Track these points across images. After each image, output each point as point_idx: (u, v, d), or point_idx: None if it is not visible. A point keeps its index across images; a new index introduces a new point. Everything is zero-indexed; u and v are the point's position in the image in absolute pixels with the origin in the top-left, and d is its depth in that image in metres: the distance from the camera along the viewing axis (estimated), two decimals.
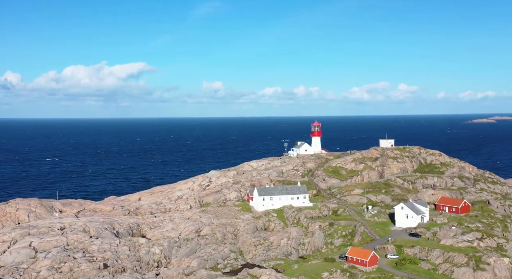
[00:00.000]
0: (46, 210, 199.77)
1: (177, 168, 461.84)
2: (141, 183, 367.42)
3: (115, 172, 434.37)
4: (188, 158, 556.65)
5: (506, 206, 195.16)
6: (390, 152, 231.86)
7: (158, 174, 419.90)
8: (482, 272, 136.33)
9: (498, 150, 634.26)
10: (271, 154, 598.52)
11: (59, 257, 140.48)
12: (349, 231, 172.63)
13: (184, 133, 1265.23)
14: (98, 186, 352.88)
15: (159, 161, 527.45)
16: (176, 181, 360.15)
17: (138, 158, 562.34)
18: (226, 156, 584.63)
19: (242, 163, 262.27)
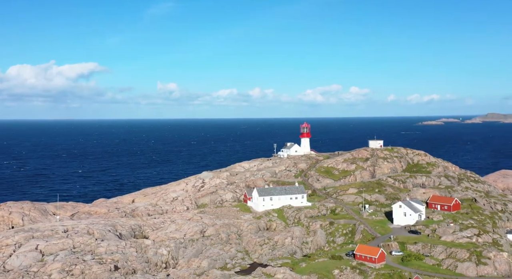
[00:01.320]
0: (41, 213, 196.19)
1: (148, 170, 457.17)
2: (115, 186, 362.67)
3: (85, 174, 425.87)
4: (156, 160, 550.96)
5: (491, 204, 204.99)
6: (380, 152, 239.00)
7: (130, 177, 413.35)
8: (484, 266, 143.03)
9: (453, 150, 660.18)
10: (240, 155, 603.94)
11: (69, 260, 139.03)
12: (349, 229, 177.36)
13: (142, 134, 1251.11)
14: (71, 189, 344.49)
15: (127, 163, 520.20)
16: (152, 183, 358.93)
17: (104, 160, 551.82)
18: (194, 158, 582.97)
19: (234, 164, 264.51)
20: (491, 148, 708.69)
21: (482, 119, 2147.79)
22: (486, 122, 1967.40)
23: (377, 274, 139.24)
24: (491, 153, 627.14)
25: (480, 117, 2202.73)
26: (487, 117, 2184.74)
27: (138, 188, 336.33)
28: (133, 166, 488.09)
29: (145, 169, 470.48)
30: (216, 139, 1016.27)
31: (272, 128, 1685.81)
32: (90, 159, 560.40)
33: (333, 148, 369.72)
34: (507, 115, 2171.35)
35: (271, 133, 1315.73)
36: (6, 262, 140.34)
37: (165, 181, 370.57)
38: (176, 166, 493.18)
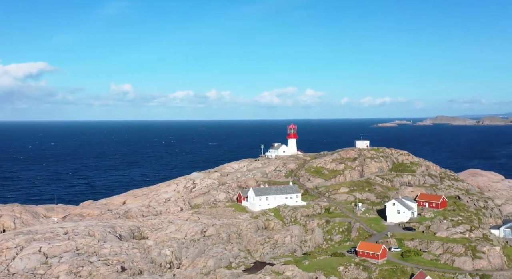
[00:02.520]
0: (32, 216, 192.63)
1: (119, 173, 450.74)
2: (87, 188, 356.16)
3: (53, 178, 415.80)
4: (124, 162, 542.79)
5: (474, 201, 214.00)
6: (367, 152, 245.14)
7: (101, 179, 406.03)
8: (480, 260, 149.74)
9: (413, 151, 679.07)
10: (210, 155, 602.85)
11: (76, 262, 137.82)
12: (345, 227, 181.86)
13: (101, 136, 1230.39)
14: (43, 193, 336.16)
15: (94, 166, 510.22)
16: (126, 186, 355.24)
17: (68, 163, 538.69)
18: (162, 159, 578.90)
19: (223, 164, 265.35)
20: (447, 149, 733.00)
21: (432, 121, 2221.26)
22: (436, 124, 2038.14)
23: (381, 270, 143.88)
24: (449, 154, 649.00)
25: (430, 119, 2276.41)
26: (437, 119, 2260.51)
27: (114, 191, 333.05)
28: (101, 169, 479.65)
29: (115, 171, 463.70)
30: (178, 140, 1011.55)
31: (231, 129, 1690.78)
32: (52, 162, 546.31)
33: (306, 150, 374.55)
34: (455, 117, 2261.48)
35: (233, 134, 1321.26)
36: (10, 265, 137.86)
37: (139, 184, 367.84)
38: (146, 168, 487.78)
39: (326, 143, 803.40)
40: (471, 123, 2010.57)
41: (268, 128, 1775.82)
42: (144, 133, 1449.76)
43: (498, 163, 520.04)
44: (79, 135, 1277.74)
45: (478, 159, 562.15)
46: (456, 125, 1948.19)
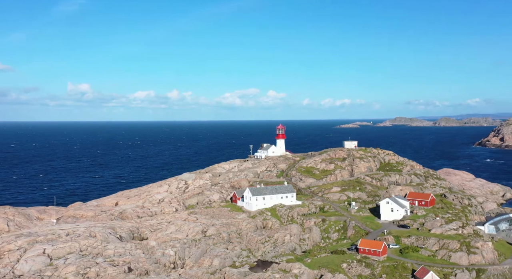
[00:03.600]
0: (25, 218, 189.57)
1: (91, 175, 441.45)
2: (63, 191, 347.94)
3: (24, 180, 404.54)
4: (96, 164, 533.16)
5: (459, 199, 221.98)
6: (356, 152, 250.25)
7: (75, 182, 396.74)
8: (474, 255, 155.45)
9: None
10: (180, 156, 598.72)
11: (83, 263, 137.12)
12: (341, 226, 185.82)
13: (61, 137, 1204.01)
14: (17, 195, 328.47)
15: (63, 168, 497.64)
16: (104, 188, 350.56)
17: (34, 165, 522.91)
18: (133, 161, 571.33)
19: (213, 165, 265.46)
20: (411, 149, 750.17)
21: (392, 122, 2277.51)
22: (396, 125, 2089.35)
23: (383, 266, 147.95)
24: (414, 154, 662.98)
25: (390, 121, 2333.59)
26: (396, 120, 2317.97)
27: (92, 193, 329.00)
28: (72, 171, 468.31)
29: (86, 173, 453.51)
30: (145, 141, 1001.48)
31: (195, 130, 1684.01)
32: (18, 164, 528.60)
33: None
34: (413, 119, 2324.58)
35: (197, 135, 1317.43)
36: (15, 268, 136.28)
37: (115, 185, 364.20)
38: (118, 170, 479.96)
39: (297, 143, 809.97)
40: (428, 125, 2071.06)
41: (232, 129, 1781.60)
42: (107, 134, 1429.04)
43: (462, 163, 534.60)
44: (38, 136, 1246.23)
45: (443, 160, 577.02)
46: (414, 126, 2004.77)
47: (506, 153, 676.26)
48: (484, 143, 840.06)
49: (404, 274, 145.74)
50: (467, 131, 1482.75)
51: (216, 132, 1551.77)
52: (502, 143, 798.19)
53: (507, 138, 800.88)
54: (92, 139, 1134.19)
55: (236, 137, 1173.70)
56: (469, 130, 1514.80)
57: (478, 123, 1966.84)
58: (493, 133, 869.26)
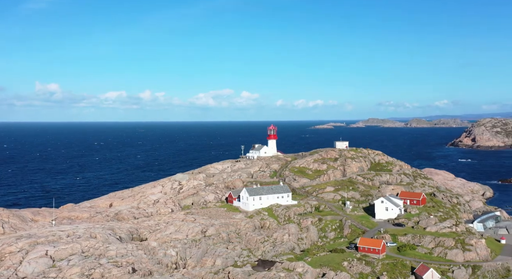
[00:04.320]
0: (20, 219, 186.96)
1: (71, 176, 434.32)
2: (45, 194, 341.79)
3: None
4: (73, 166, 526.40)
5: (448, 197, 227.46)
6: (347, 153, 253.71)
7: (55, 184, 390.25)
8: (469, 252, 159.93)
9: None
10: (164, 158, 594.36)
11: (87, 264, 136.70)
12: (337, 225, 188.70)
13: (31, 138, 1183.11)
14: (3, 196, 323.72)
15: (41, 169, 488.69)
16: (88, 190, 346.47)
17: (12, 166, 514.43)
18: (111, 162, 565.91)
19: (206, 165, 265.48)
20: (387, 150, 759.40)
21: (365, 123, 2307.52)
22: (369, 126, 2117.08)
23: (383, 264, 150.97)
24: (392, 155, 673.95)
25: (363, 122, 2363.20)
26: (368, 121, 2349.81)
27: (76, 195, 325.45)
28: (51, 173, 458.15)
29: (66, 174, 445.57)
30: (121, 142, 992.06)
31: (169, 131, 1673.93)
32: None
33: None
34: (385, 120, 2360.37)
35: (173, 136, 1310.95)
36: (18, 270, 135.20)
37: (99, 187, 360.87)
38: (99, 171, 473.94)
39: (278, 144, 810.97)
40: (400, 125, 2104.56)
41: (208, 130, 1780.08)
42: (79, 135, 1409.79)
43: (438, 163, 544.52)
44: (5, 137, 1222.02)
45: (420, 160, 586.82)
46: (387, 127, 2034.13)
47: (478, 153, 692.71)
48: (456, 144, 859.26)
49: (404, 272, 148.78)
50: (438, 132, 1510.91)
51: (191, 133, 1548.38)
52: (473, 143, 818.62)
53: (478, 139, 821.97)
54: (65, 140, 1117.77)
55: (213, 138, 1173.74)
56: (439, 131, 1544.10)
57: (447, 124, 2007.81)
58: (465, 133, 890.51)
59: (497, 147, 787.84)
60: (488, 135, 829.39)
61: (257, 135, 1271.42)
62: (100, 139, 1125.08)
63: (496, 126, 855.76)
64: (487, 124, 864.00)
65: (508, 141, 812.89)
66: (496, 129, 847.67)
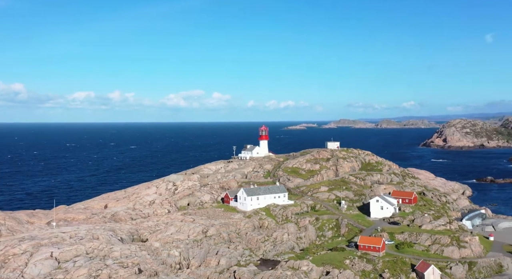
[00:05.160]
0: (16, 222, 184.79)
1: (48, 178, 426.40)
2: (23, 196, 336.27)
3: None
4: (48, 168, 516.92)
5: (437, 196, 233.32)
6: (339, 153, 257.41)
7: (33, 186, 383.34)
8: (464, 249, 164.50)
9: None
10: (141, 159, 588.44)
11: (94, 265, 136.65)
12: (334, 224, 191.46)
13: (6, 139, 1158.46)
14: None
15: (14, 172, 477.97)
16: (70, 192, 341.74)
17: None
18: (88, 164, 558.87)
19: (199, 166, 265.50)
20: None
21: (336, 124, 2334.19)
22: (340, 127, 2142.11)
23: (384, 262, 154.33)
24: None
25: (334, 123, 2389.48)
26: (340, 122, 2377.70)
27: (58, 197, 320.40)
28: (25, 175, 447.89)
29: (43, 177, 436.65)
30: (94, 144, 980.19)
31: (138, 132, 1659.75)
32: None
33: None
34: (356, 120, 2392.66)
35: (145, 137, 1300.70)
36: (25, 272, 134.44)
37: (82, 189, 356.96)
38: (77, 173, 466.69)
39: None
40: (371, 126, 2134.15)
41: (181, 131, 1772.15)
42: (49, 136, 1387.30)
43: (414, 163, 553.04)
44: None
45: (395, 160, 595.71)
46: (358, 128, 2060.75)
47: (450, 153, 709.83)
48: (428, 144, 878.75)
49: (405, 269, 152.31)
50: (408, 132, 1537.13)
51: (165, 134, 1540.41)
52: (445, 144, 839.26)
53: (449, 139, 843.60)
54: (35, 141, 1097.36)
55: (188, 139, 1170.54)
56: (409, 132, 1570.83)
57: (416, 125, 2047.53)
58: (436, 134, 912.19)
59: (467, 147, 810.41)
60: (458, 135, 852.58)
61: (231, 137, 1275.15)
62: (72, 141, 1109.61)
63: (465, 127, 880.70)
64: (457, 125, 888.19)
65: (477, 142, 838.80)
66: (465, 129, 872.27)
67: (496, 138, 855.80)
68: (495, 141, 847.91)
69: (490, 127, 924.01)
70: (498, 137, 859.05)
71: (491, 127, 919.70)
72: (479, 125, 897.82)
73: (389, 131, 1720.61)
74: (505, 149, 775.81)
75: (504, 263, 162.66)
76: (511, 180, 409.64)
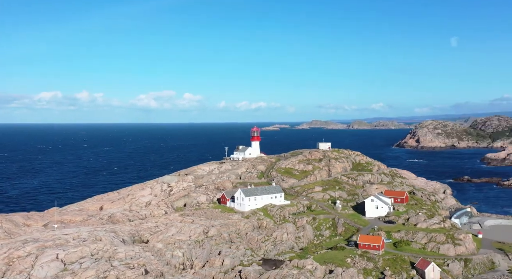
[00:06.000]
0: (14, 224, 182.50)
1: (23, 181, 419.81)
2: (4, 199, 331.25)
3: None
4: (22, 170, 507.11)
5: (426, 195, 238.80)
6: (330, 153, 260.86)
7: (9, 188, 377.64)
8: (459, 246, 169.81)
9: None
10: (119, 160, 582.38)
11: (101, 267, 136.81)
12: (330, 223, 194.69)
13: None
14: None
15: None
16: (51, 194, 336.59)
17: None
18: (64, 166, 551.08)
19: (192, 166, 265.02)
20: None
21: (308, 125, 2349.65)
22: (313, 128, 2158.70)
23: (384, 260, 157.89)
24: None
25: (307, 124, 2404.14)
26: (312, 123, 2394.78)
27: (36, 198, 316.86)
28: (2, 178, 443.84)
29: (16, 180, 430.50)
30: (67, 145, 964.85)
31: (109, 133, 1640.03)
32: None
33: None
34: (328, 121, 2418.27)
35: (121, 138, 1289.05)
36: (32, 274, 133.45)
37: (64, 191, 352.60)
38: (56, 175, 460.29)
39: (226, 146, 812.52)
40: (343, 127, 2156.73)
41: (154, 132, 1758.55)
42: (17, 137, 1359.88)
43: (391, 164, 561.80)
44: None
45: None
46: (330, 129, 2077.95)
47: (424, 154, 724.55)
48: (402, 145, 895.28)
49: (405, 266, 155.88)
50: (380, 133, 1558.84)
51: (137, 135, 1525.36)
52: (418, 144, 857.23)
53: (422, 140, 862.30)
54: (3, 142, 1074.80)
55: (163, 141, 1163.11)
56: (381, 133, 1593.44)
57: (386, 126, 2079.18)
58: (409, 135, 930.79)
59: (439, 148, 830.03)
60: (430, 136, 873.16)
61: (205, 138, 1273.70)
62: (43, 142, 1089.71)
63: (437, 128, 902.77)
64: (429, 126, 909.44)
65: (448, 142, 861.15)
66: (437, 130, 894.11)
67: (466, 139, 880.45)
68: (465, 141, 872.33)
69: (460, 128, 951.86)
70: (468, 138, 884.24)
71: (461, 128, 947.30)
72: (449, 126, 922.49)
73: (361, 132, 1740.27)
74: (475, 149, 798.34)
75: (495, 259, 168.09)
76: (487, 180, 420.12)
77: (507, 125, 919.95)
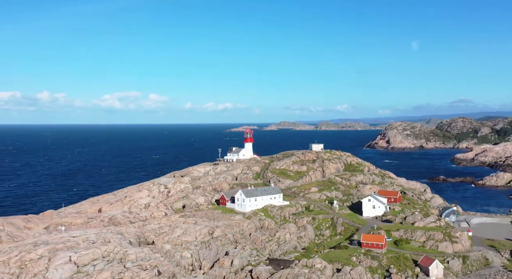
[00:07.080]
0: (15, 227, 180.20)
1: (15, 182, 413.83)
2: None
3: None
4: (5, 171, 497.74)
5: (416, 195, 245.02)
6: (323, 154, 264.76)
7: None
8: (456, 244, 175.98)
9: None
10: (91, 161, 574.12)
11: (115, 268, 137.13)
12: (330, 223, 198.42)
13: None
14: None
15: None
16: (35, 196, 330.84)
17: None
18: (38, 168, 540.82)
19: (187, 168, 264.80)
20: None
21: (277, 126, 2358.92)
22: (281, 129, 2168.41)
23: (387, 258, 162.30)
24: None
25: (275, 125, 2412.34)
26: (280, 124, 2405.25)
27: (24, 200, 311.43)
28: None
29: (9, 181, 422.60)
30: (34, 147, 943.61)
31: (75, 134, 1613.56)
32: None
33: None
34: (296, 123, 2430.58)
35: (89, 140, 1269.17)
36: (47, 277, 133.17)
37: (46, 193, 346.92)
38: (30, 178, 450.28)
39: (199, 148, 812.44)
40: (311, 128, 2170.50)
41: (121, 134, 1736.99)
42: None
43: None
44: None
45: None
46: (299, 130, 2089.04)
47: (395, 154, 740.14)
48: (373, 146, 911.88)
49: (408, 264, 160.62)
50: (347, 134, 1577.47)
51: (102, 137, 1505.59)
52: (388, 145, 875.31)
53: (392, 141, 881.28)
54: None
55: (133, 142, 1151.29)
56: (348, 134, 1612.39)
57: (353, 127, 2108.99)
58: (379, 136, 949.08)
59: (408, 149, 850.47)
60: (400, 137, 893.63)
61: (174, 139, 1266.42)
62: (5, 144, 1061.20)
63: (406, 129, 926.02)
64: (399, 127, 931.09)
65: (417, 143, 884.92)
66: (406, 132, 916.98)
67: (434, 140, 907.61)
68: (432, 142, 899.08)
69: (427, 129, 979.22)
70: (435, 139, 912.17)
71: (428, 129, 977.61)
72: (417, 128, 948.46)
73: (330, 133, 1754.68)
74: (442, 150, 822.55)
75: (488, 256, 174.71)
76: (461, 179, 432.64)
77: (471, 126, 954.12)
